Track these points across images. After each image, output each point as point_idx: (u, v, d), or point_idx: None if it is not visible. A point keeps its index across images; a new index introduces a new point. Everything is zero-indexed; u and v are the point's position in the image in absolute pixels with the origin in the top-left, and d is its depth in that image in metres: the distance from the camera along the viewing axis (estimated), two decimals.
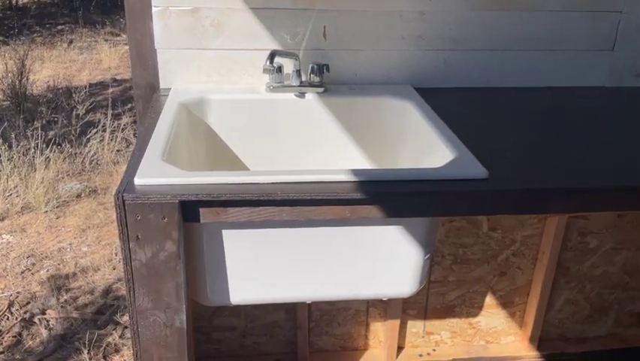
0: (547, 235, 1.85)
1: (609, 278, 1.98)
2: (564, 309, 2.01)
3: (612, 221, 1.88)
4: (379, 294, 1.22)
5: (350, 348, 1.98)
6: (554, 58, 1.56)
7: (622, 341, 2.06)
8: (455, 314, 1.98)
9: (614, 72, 1.60)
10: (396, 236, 1.13)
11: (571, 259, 1.93)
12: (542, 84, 1.59)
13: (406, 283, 1.20)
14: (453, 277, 1.91)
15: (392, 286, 1.19)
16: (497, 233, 1.86)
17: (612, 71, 1.59)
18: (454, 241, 1.86)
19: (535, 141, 1.24)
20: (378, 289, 1.20)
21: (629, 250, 1.94)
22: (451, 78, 1.56)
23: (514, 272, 1.93)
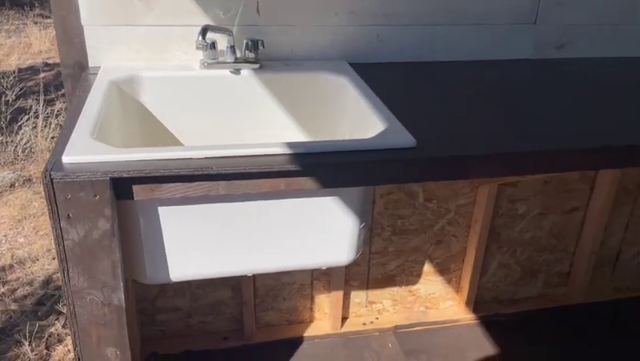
0: (479, 203, 1.95)
1: (537, 242, 2.11)
2: (497, 273, 2.13)
3: (539, 188, 2.00)
4: (318, 263, 1.25)
5: (296, 321, 2.02)
6: (481, 32, 1.63)
7: (551, 301, 2.21)
8: (396, 283, 2.06)
9: (537, 45, 1.68)
10: (332, 206, 1.17)
11: (502, 225, 2.04)
12: (472, 58, 1.66)
13: (343, 252, 1.24)
14: (392, 247, 1.98)
15: (330, 255, 1.23)
16: (433, 203, 1.94)
17: (535, 43, 1.68)
18: (392, 212, 1.92)
19: (462, 112, 1.30)
20: (316, 259, 1.24)
21: (555, 214, 2.07)
22: (385, 53, 1.60)
23: (450, 240, 2.03)
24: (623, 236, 2.17)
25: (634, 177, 2.05)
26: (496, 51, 1.65)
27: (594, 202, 2.04)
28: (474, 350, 1.98)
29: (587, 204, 2.07)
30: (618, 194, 2.06)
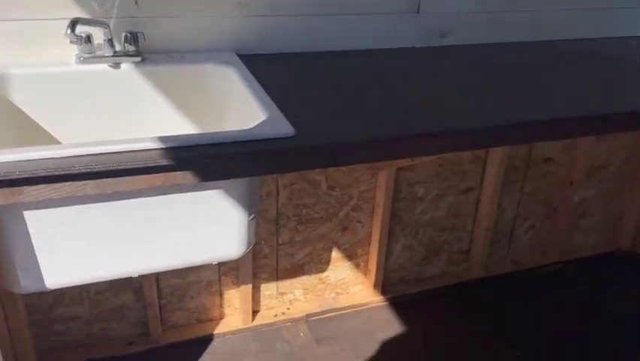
0: (380, 188, 2.00)
1: (437, 222, 2.20)
2: (402, 255, 2.21)
3: (435, 170, 2.08)
4: (208, 259, 1.23)
5: (205, 319, 1.99)
6: (367, 22, 1.66)
7: (454, 278, 2.31)
8: (305, 272, 2.07)
9: (422, 33, 1.74)
10: (217, 200, 1.15)
11: (403, 208, 2.11)
12: (361, 47, 1.69)
13: (233, 246, 1.23)
14: (299, 237, 2.00)
15: (219, 249, 1.22)
16: (336, 191, 1.97)
17: (420, 32, 1.74)
18: (296, 202, 1.93)
19: (347, 101, 1.32)
20: (205, 254, 1.22)
21: (451, 195, 2.16)
22: (274, 44, 1.59)
23: (355, 226, 2.07)
24: (516, 212, 2.32)
25: (521, 156, 2.19)
26: (383, 40, 1.69)
27: (486, 182, 2.16)
28: (382, 331, 2.04)
29: (480, 184, 2.18)
30: (508, 173, 2.19)
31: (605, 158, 2.33)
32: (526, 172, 2.24)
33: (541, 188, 2.31)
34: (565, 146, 2.24)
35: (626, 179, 2.42)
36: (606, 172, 2.36)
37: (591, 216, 2.45)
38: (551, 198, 2.35)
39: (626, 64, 1.71)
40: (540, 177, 2.28)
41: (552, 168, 2.27)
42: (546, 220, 2.39)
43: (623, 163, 2.37)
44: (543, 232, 2.41)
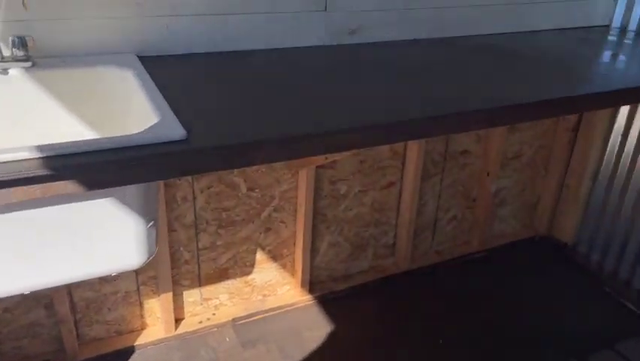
0: (301, 187, 2.00)
1: (362, 218, 2.22)
2: (328, 252, 2.21)
3: (356, 167, 2.10)
4: (106, 270, 1.18)
5: (126, 331, 1.93)
6: (274, 20, 1.65)
7: (381, 271, 2.35)
8: (230, 276, 2.04)
9: (331, 31, 1.75)
10: (109, 209, 1.11)
11: (326, 206, 2.11)
12: (268, 46, 1.67)
13: (132, 255, 1.18)
14: (221, 241, 1.96)
15: (116, 260, 1.17)
16: (256, 192, 1.95)
17: (328, 30, 1.74)
18: (215, 206, 1.90)
19: (248, 101, 1.30)
20: (103, 265, 1.17)
21: (374, 190, 2.19)
22: (177, 45, 1.55)
23: (279, 226, 2.06)
24: (438, 204, 2.37)
25: (439, 150, 2.24)
26: (291, 39, 1.69)
27: (406, 176, 2.20)
28: (310, 330, 2.04)
29: (401, 179, 2.22)
30: (427, 166, 2.24)
31: (517, 148, 2.43)
32: (445, 165, 2.30)
33: (460, 180, 2.37)
34: (479, 138, 2.32)
35: (539, 167, 2.53)
36: (520, 162, 2.46)
37: (509, 205, 2.55)
38: (470, 189, 2.42)
39: (526, 58, 1.77)
40: (458, 169, 2.34)
41: (469, 160, 2.34)
42: (467, 211, 2.46)
43: (535, 152, 2.48)
44: (465, 222, 2.49)
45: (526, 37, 2.01)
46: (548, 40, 2.01)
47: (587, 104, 1.53)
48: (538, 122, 2.40)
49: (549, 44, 1.96)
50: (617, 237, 2.32)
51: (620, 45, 2.02)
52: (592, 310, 2.21)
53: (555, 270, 2.44)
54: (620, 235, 2.31)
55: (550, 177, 2.54)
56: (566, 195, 2.52)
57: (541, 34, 2.06)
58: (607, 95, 1.52)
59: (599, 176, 2.36)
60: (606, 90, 1.52)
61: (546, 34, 2.08)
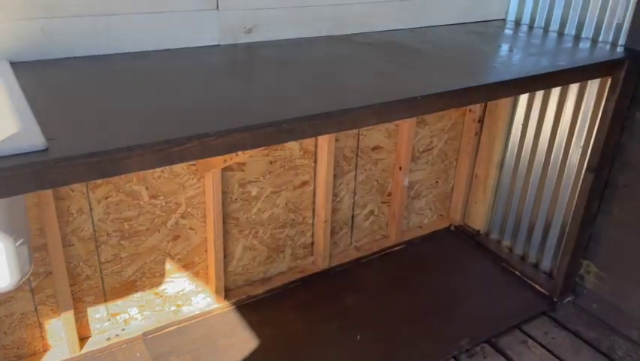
0: (208, 192, 1.94)
1: (277, 219, 2.19)
2: (244, 256, 2.17)
3: (266, 168, 2.07)
4: None
5: (27, 355, 1.80)
6: (163, 20, 1.59)
7: (300, 272, 2.33)
8: (138, 288, 1.96)
9: (226, 30, 1.71)
10: None
11: (238, 209, 2.07)
12: (158, 47, 1.61)
13: (3, 276, 1.10)
14: (125, 252, 1.88)
15: None
16: (160, 200, 1.88)
17: (223, 29, 1.70)
18: (115, 217, 1.81)
19: (127, 106, 1.24)
20: None
21: (287, 190, 2.17)
22: (55, 49, 1.46)
23: (188, 233, 1.99)
24: (354, 200, 2.38)
25: (351, 146, 2.25)
26: (182, 39, 1.63)
27: (319, 174, 2.19)
28: (227, 337, 1.99)
29: (314, 177, 2.21)
30: (340, 163, 2.24)
31: (428, 141, 2.48)
32: (358, 161, 2.31)
33: (374, 175, 2.39)
34: (390, 133, 2.34)
35: (450, 159, 2.60)
36: (431, 154, 2.52)
37: (424, 197, 2.60)
38: (385, 184, 2.45)
39: (421, 53, 1.80)
40: (372, 165, 2.36)
41: (381, 155, 2.37)
42: (383, 205, 2.49)
43: (445, 144, 2.54)
44: (382, 217, 2.51)
45: (424, 33, 2.05)
46: (445, 34, 2.06)
47: (478, 95, 1.57)
48: (446, 115, 2.46)
49: (445, 39, 2.00)
50: (524, 222, 2.41)
51: (515, 38, 2.10)
52: (503, 294, 2.28)
53: (469, 257, 2.51)
54: (526, 221, 2.40)
55: (461, 167, 2.61)
56: (475, 185, 2.60)
57: (438, 29, 2.11)
58: (498, 85, 1.57)
59: (504, 164, 2.45)
60: (497, 81, 1.56)
61: (444, 29, 2.13)
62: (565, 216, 2.23)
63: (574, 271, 2.22)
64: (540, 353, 1.99)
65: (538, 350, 2.00)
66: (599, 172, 2.02)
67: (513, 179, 2.42)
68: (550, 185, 2.26)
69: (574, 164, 2.15)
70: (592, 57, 1.88)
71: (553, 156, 2.23)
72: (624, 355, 2.01)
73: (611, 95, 1.91)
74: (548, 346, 2.02)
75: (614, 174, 2.03)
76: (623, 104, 1.92)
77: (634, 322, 2.06)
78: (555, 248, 2.30)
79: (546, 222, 2.32)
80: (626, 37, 1.92)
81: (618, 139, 1.99)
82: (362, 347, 1.99)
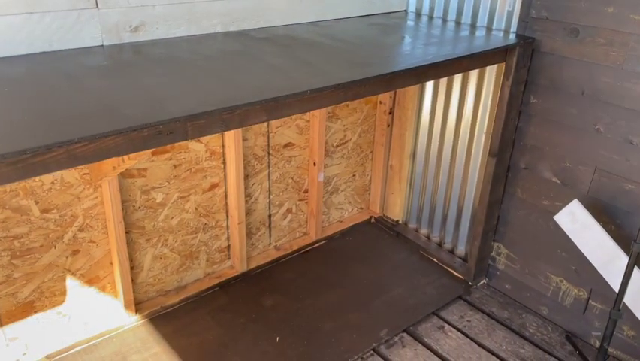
0: (107, 202, 1.84)
1: (187, 225, 2.11)
2: (155, 266, 2.08)
3: (170, 173, 1.98)
4: None
5: None
6: (36, 21, 1.47)
7: (217, 277, 2.26)
8: (37, 309, 1.83)
9: (108, 29, 1.61)
10: None
11: (142, 217, 1.97)
12: (32, 51, 1.50)
13: None
14: (18, 272, 1.74)
15: None
16: (53, 213, 1.76)
17: (105, 28, 1.60)
18: (3, 235, 1.67)
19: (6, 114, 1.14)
20: None
21: (196, 194, 2.09)
22: None
23: (88, 247, 1.88)
24: (269, 199, 2.34)
25: (261, 145, 2.20)
26: (59, 41, 1.52)
27: (229, 175, 2.13)
28: (139, 352, 1.89)
29: (224, 178, 2.15)
30: (251, 163, 2.19)
31: (341, 135, 2.47)
32: (270, 160, 2.27)
33: (288, 172, 2.36)
34: (301, 130, 2.31)
35: (365, 151, 2.61)
36: (346, 148, 2.51)
37: (342, 191, 2.60)
38: (301, 181, 2.42)
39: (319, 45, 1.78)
40: (285, 162, 2.33)
41: (294, 152, 2.33)
42: (301, 202, 2.46)
43: (359, 137, 2.54)
44: (300, 214, 2.49)
45: (325, 26, 2.03)
46: (346, 27, 2.04)
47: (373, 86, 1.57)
48: (357, 108, 2.46)
49: (346, 31, 1.99)
50: (438, 210, 2.46)
51: (415, 28, 2.12)
52: (421, 282, 2.31)
53: (389, 248, 2.53)
54: (440, 208, 2.45)
55: (376, 159, 2.62)
56: (391, 176, 2.62)
57: (340, 23, 2.09)
58: (393, 75, 1.57)
59: (416, 154, 2.48)
60: (392, 71, 1.56)
61: (345, 22, 2.11)
62: (474, 202, 2.28)
63: (486, 254, 2.28)
64: (456, 337, 2.03)
65: (455, 335, 2.04)
66: (501, 156, 2.07)
67: (425, 168, 2.46)
68: (459, 172, 2.31)
69: (479, 150, 2.21)
70: (487, 44, 1.92)
71: (460, 144, 2.28)
72: (535, 331, 2.08)
73: (505, 80, 1.96)
74: (464, 329, 2.07)
75: (515, 157, 2.10)
76: (517, 88, 1.98)
77: (542, 298, 2.15)
78: (468, 233, 2.36)
79: (458, 208, 2.37)
80: (517, 24, 1.98)
81: (516, 123, 2.06)
82: (281, 348, 1.95)
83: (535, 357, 1.95)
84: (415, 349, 1.96)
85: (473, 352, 1.96)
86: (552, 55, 1.90)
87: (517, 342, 2.02)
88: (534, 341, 2.03)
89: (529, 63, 1.96)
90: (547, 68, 1.93)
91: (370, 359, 1.92)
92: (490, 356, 1.95)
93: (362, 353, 1.94)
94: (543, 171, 2.02)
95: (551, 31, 1.89)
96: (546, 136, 1.98)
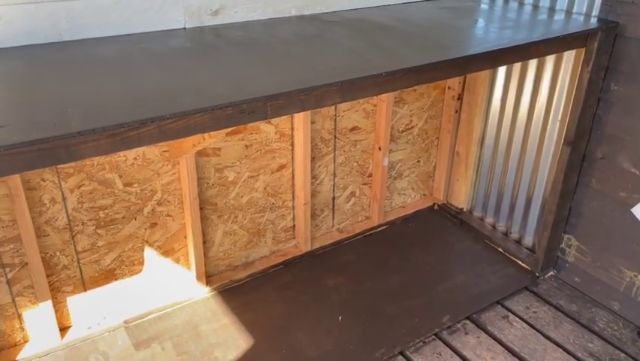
0: (183, 178, 1.93)
1: (256, 203, 2.19)
2: (224, 242, 2.17)
3: (242, 152, 2.06)
4: None
5: (7, 346, 1.81)
6: (125, 5, 1.56)
7: (283, 255, 2.33)
8: (118, 276, 1.96)
9: (191, 13, 1.68)
10: None
11: (215, 194, 2.06)
12: (120, 32, 1.59)
13: None
14: (102, 241, 1.87)
15: None
16: (134, 187, 1.87)
17: (188, 12, 1.67)
18: (90, 205, 1.80)
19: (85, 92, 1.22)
20: None
21: (265, 174, 2.16)
22: (15, 36, 1.44)
23: (165, 220, 1.99)
24: (334, 182, 2.37)
25: (328, 128, 2.23)
26: (145, 24, 1.61)
27: (297, 157, 2.18)
28: (208, 322, 1.99)
29: (292, 160, 2.20)
30: (318, 146, 2.23)
31: (408, 121, 2.46)
32: (336, 143, 2.30)
33: (353, 156, 2.38)
34: (368, 113, 2.33)
35: (431, 137, 2.58)
36: (412, 133, 2.50)
37: (405, 177, 2.59)
38: (365, 165, 2.44)
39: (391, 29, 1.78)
40: (350, 146, 2.35)
41: (360, 136, 2.35)
42: (364, 186, 2.48)
43: (425, 123, 2.53)
44: (363, 198, 2.51)
45: (396, 10, 2.02)
46: (418, 11, 2.03)
47: (447, 70, 1.55)
48: (425, 93, 2.44)
49: (418, 15, 1.97)
50: (506, 198, 2.41)
51: (490, 12, 2.07)
52: (486, 271, 2.28)
53: (452, 236, 2.51)
54: (508, 197, 2.40)
55: (442, 146, 2.59)
56: (457, 163, 2.59)
57: (411, 6, 2.08)
58: (467, 59, 1.55)
59: (485, 141, 2.44)
60: (466, 55, 1.54)
61: (416, 5, 2.10)
62: (545, 191, 2.22)
63: (555, 246, 2.22)
64: (521, 328, 2.00)
65: (520, 325, 2.01)
66: (577, 145, 2.00)
67: (494, 155, 2.41)
68: (530, 160, 2.25)
69: (552, 138, 2.14)
70: (566, 28, 1.86)
71: (532, 131, 2.22)
72: (605, 326, 2.01)
73: (585, 66, 1.89)
74: (530, 320, 2.03)
75: (592, 146, 2.02)
76: (597, 75, 1.90)
77: (614, 293, 2.07)
78: (537, 223, 2.30)
79: (527, 197, 2.31)
80: (600, 7, 1.90)
81: (594, 111, 1.98)
82: (343, 328, 1.99)
83: (605, 352, 1.89)
84: (477, 336, 1.95)
85: (539, 343, 1.93)
86: (637, 40, 1.81)
87: (586, 336, 1.96)
88: (604, 336, 1.97)
89: (612, 49, 1.88)
90: (631, 55, 1.84)
91: (432, 344, 1.92)
92: (557, 348, 1.91)
93: (424, 337, 1.95)
94: (622, 161, 1.94)
95: (637, 15, 1.79)
96: (627, 125, 1.90)
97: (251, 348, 1.89)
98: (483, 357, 1.87)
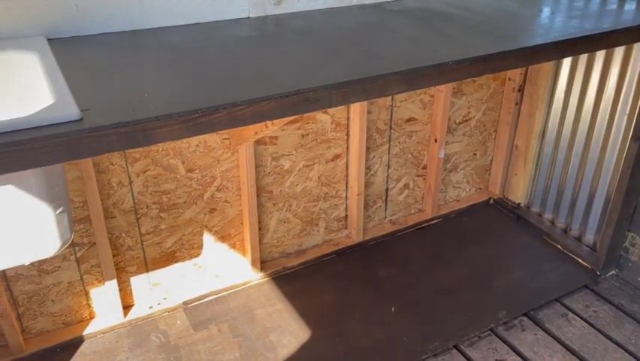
0: (242, 166, 1.97)
1: (310, 192, 2.21)
2: (279, 229, 2.20)
3: (298, 142, 2.08)
4: (18, 260, 1.15)
5: (75, 321, 1.91)
6: None
7: (335, 245, 2.34)
8: (178, 259, 2.02)
9: (255, 2, 1.70)
10: (9, 197, 1.07)
11: (271, 182, 2.09)
12: (188, 21, 1.63)
13: (43, 243, 1.15)
14: (164, 224, 1.94)
15: (28, 249, 1.14)
16: (196, 173, 1.92)
17: (252, 1, 1.70)
18: (154, 189, 1.87)
19: (159, 78, 1.27)
20: (14, 255, 1.14)
21: (319, 164, 2.17)
22: (91, 25, 1.50)
23: (223, 206, 2.04)
24: (387, 173, 2.37)
25: (384, 119, 2.23)
26: (212, 13, 1.64)
27: (352, 147, 2.18)
28: (263, 307, 2.03)
29: (346, 150, 2.21)
30: (373, 136, 2.23)
31: (465, 112, 2.42)
32: (391, 134, 2.29)
33: (408, 148, 2.36)
34: (424, 105, 2.30)
35: (489, 130, 2.53)
36: (469, 125, 2.46)
37: (461, 170, 2.55)
38: (420, 157, 2.41)
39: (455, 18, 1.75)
40: (405, 137, 2.33)
41: (416, 127, 2.33)
42: (418, 178, 2.46)
43: (483, 115, 2.47)
44: (417, 190, 2.49)
45: None
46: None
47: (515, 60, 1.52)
48: (484, 84, 2.39)
49: (481, 3, 1.93)
50: (567, 194, 2.33)
51: (556, 1, 2.00)
52: (544, 267, 2.23)
53: (509, 231, 2.46)
54: (569, 192, 2.32)
55: (500, 139, 2.54)
56: (516, 157, 2.53)
57: None
58: (536, 49, 1.51)
59: (546, 135, 2.37)
60: (534, 44, 1.50)
61: None
62: (609, 188, 2.14)
63: (618, 244, 2.14)
64: (581, 326, 1.94)
65: (579, 323, 1.95)
66: None
67: (555, 150, 2.34)
68: (594, 155, 2.17)
69: (619, 132, 2.06)
70: (637, 19, 1.77)
71: (597, 125, 2.14)
72: None
73: None
74: (589, 319, 1.97)
75: None
76: None
77: None
78: (599, 220, 2.22)
79: (589, 193, 2.23)
80: None
81: None
82: (396, 319, 1.99)
83: None
84: (535, 333, 1.91)
85: (599, 342, 1.87)
86: None
87: None
88: None
89: None
90: None
91: (487, 339, 1.90)
92: (618, 349, 1.85)
93: (479, 332, 1.93)
94: None
95: None
96: None
97: (304, 334, 1.93)
98: (541, 355, 1.83)
